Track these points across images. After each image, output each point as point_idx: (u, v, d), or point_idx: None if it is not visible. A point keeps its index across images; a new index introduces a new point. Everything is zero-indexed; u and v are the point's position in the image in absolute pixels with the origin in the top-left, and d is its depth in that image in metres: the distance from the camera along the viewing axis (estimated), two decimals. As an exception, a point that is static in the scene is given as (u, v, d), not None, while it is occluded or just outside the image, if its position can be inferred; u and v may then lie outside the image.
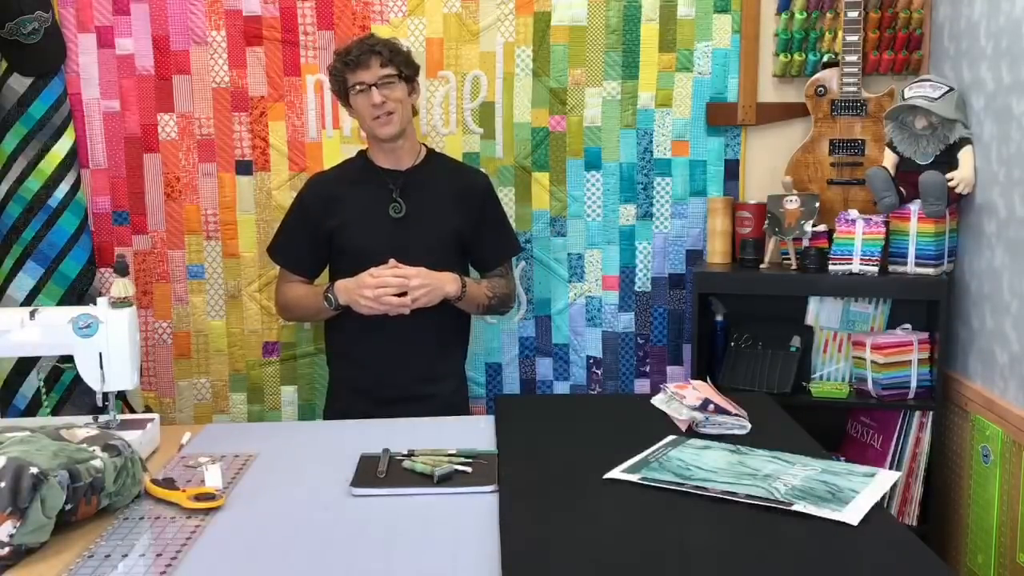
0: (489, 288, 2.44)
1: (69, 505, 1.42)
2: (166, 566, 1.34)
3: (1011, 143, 2.30)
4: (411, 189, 2.38)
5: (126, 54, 2.76)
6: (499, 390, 2.90)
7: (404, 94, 2.34)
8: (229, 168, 2.81)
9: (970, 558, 2.46)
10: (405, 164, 2.42)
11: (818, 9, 2.75)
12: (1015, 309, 2.27)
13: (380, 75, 2.30)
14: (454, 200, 2.41)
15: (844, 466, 1.67)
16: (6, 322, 1.79)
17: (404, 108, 2.35)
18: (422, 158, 2.46)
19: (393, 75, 2.31)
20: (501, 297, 2.48)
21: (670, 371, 2.89)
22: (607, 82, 2.80)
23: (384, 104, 2.31)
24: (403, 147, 2.40)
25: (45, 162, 2.69)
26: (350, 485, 1.62)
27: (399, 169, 2.41)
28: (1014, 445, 2.24)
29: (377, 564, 1.37)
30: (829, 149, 2.74)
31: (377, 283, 2.24)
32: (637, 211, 2.85)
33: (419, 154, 2.46)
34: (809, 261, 2.63)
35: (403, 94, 2.34)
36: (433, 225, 2.36)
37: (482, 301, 2.42)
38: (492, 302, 2.45)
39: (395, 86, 2.32)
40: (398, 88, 2.32)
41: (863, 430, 2.73)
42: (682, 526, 1.44)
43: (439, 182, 2.42)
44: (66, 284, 2.72)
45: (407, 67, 2.35)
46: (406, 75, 2.34)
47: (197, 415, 2.88)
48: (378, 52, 2.31)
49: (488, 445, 1.82)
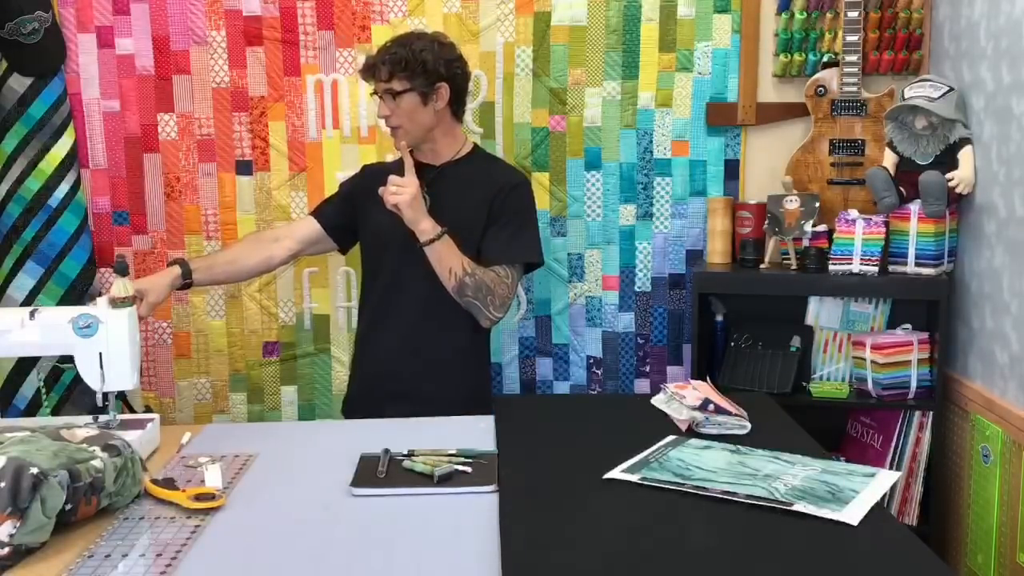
0: (469, 265, 2.23)
1: (69, 505, 1.41)
2: (166, 566, 1.34)
3: (1011, 143, 2.30)
4: (441, 183, 2.33)
5: (126, 54, 2.76)
6: (499, 390, 2.90)
7: (415, 104, 2.27)
8: (229, 168, 2.81)
9: (970, 558, 2.46)
10: (442, 159, 2.38)
11: (818, 9, 2.75)
12: (1015, 309, 2.27)
13: (383, 88, 2.28)
14: (480, 197, 2.33)
15: (844, 466, 1.67)
16: (6, 322, 1.79)
17: (413, 119, 2.28)
18: (463, 154, 2.40)
19: (395, 90, 2.26)
20: (479, 283, 2.22)
21: (670, 371, 2.89)
22: (607, 82, 2.80)
23: (389, 117, 2.29)
24: (433, 148, 2.36)
25: (45, 162, 2.69)
26: (350, 485, 1.62)
27: (434, 164, 2.38)
28: (1014, 445, 2.24)
29: (377, 564, 1.37)
30: (829, 149, 2.74)
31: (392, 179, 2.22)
32: (637, 211, 2.85)
33: (459, 150, 2.39)
34: (809, 261, 2.63)
35: (413, 104, 2.27)
36: (457, 220, 2.25)
37: (455, 269, 2.21)
38: (467, 279, 2.21)
39: (402, 98, 2.26)
40: (405, 100, 2.26)
41: (863, 430, 2.73)
42: (682, 526, 1.44)
43: (471, 179, 2.36)
44: (66, 284, 2.73)
45: (421, 77, 2.26)
46: (418, 87, 2.26)
47: (197, 415, 2.88)
48: (384, 63, 2.26)
49: (488, 445, 1.81)
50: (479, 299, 2.24)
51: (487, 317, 2.28)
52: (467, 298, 2.24)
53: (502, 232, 2.31)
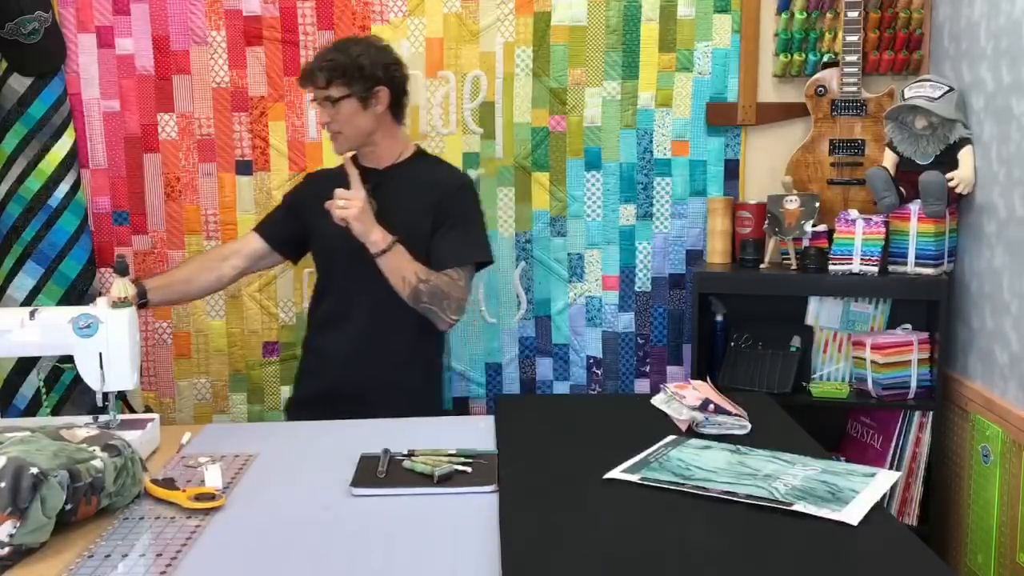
0: (423, 272, 2.24)
1: (69, 505, 1.41)
2: (166, 566, 1.34)
3: (1011, 143, 2.30)
4: (386, 187, 2.32)
5: (126, 54, 2.76)
6: (499, 390, 2.90)
7: (354, 109, 2.28)
8: (229, 168, 2.81)
9: (970, 558, 2.46)
10: (385, 163, 2.39)
11: (818, 9, 2.75)
12: (1015, 309, 2.27)
13: (322, 95, 2.28)
14: (426, 200, 2.34)
15: (844, 466, 1.67)
16: (6, 322, 1.79)
17: (353, 124, 2.30)
18: (405, 157, 2.41)
19: (333, 96, 2.27)
20: (434, 289, 2.23)
21: (670, 371, 2.89)
22: (607, 82, 2.80)
23: (329, 124, 2.31)
24: (375, 151, 2.37)
25: (45, 162, 2.69)
26: (350, 485, 1.62)
27: (377, 168, 2.38)
28: (1014, 445, 2.24)
29: (377, 564, 1.37)
30: (829, 149, 2.74)
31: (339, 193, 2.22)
32: (637, 211, 2.85)
33: (402, 153, 2.41)
34: (809, 261, 2.63)
35: (352, 110, 2.28)
36: (401, 223, 2.26)
37: (409, 277, 2.22)
38: (421, 286, 2.22)
39: (341, 104, 2.27)
40: (344, 105, 2.27)
41: (863, 430, 2.73)
42: (682, 526, 1.44)
43: (415, 181, 2.37)
44: (66, 284, 2.73)
45: (359, 82, 2.27)
46: (356, 92, 2.27)
47: (197, 415, 2.88)
48: (321, 70, 2.27)
49: (488, 445, 1.81)
50: (435, 304, 2.25)
51: (444, 321, 2.30)
52: (423, 304, 2.25)
53: (450, 234, 2.32)
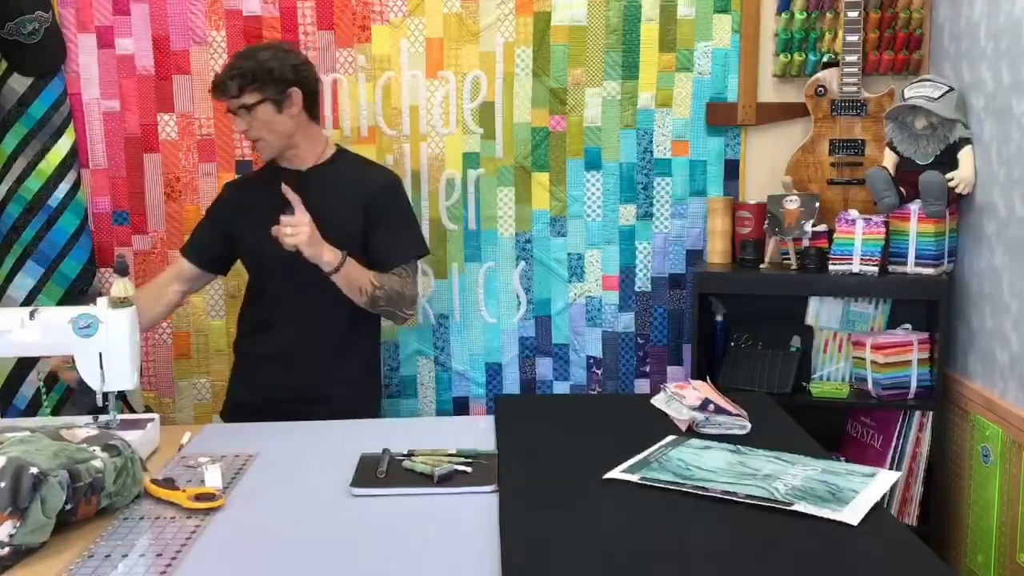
0: (376, 278, 2.28)
1: (69, 505, 1.42)
2: (166, 566, 1.34)
3: (1011, 143, 2.30)
4: (310, 188, 2.30)
5: (126, 54, 2.76)
6: (499, 390, 2.90)
7: (270, 114, 2.28)
8: (229, 168, 2.81)
9: (970, 558, 2.46)
10: (307, 163, 2.39)
11: (818, 9, 2.75)
12: (1015, 309, 2.27)
13: (236, 104, 2.29)
14: (353, 198, 2.35)
15: (844, 466, 1.67)
16: (6, 322, 1.79)
17: (272, 129, 2.30)
18: (327, 157, 2.42)
19: (247, 104, 2.27)
20: (390, 293, 2.29)
21: (670, 371, 2.89)
22: (607, 82, 2.80)
23: (248, 131, 2.32)
24: (297, 153, 2.37)
25: (45, 162, 2.69)
26: (350, 485, 1.62)
27: (300, 169, 2.39)
28: (1014, 445, 2.24)
29: (377, 564, 1.37)
30: (829, 149, 2.74)
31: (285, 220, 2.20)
32: (637, 211, 2.85)
33: (323, 152, 2.41)
34: (809, 261, 2.63)
35: (268, 115, 2.28)
36: (330, 224, 2.24)
37: (365, 287, 2.25)
38: (377, 292, 2.27)
39: (256, 110, 2.28)
40: (259, 111, 2.28)
41: (863, 430, 2.73)
42: (682, 526, 1.44)
43: (340, 181, 2.38)
44: (66, 284, 2.73)
45: (271, 86, 2.28)
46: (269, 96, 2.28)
47: (197, 415, 2.88)
48: (232, 79, 2.27)
49: (488, 445, 1.81)
50: (392, 306, 2.33)
51: (402, 318, 2.40)
52: (380, 308, 2.32)
53: (391, 234, 2.37)
